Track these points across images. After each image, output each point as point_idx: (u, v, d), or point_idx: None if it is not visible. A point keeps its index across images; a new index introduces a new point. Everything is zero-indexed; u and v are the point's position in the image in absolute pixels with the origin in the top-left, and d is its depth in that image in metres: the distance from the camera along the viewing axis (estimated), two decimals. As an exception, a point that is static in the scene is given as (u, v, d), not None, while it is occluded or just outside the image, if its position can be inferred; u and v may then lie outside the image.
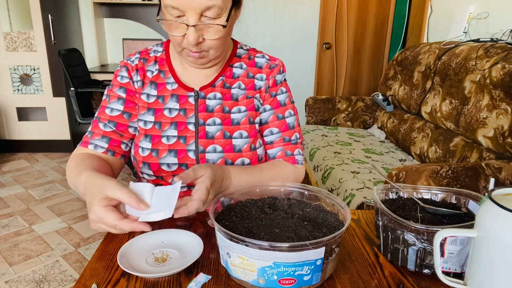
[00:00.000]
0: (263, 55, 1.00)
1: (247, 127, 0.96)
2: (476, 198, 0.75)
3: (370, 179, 1.96)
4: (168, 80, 0.95)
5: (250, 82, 0.98)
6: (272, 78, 0.98)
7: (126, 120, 0.95)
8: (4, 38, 3.45)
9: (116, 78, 0.97)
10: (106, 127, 0.94)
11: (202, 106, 0.94)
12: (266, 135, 1.00)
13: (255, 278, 0.62)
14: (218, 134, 0.93)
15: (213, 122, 0.94)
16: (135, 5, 3.89)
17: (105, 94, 0.98)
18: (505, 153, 1.70)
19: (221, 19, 0.81)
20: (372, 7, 3.87)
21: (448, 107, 2.09)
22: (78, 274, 2.00)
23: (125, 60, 0.98)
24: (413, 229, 0.66)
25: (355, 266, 0.71)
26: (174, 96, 0.94)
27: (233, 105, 0.96)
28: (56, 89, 3.60)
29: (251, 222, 0.70)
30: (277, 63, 0.99)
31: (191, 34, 0.80)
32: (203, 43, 0.83)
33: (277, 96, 1.00)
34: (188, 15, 0.79)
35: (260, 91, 0.98)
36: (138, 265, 0.69)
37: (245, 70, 0.98)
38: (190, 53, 0.85)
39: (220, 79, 0.96)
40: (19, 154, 3.74)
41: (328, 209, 0.75)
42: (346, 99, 3.01)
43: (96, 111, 0.97)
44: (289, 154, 1.00)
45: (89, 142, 0.94)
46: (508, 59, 1.76)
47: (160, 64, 0.97)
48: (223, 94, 0.95)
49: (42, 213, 2.63)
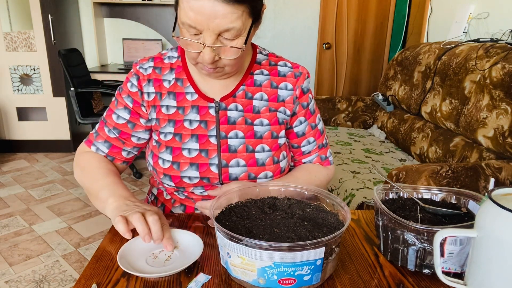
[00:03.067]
0: (285, 62, 0.97)
1: (269, 141, 0.93)
2: (476, 198, 0.75)
3: (370, 179, 1.96)
4: (187, 90, 0.91)
5: (273, 93, 0.94)
6: (299, 88, 0.95)
7: (130, 130, 0.94)
8: (4, 38, 3.45)
9: (126, 83, 0.94)
10: (110, 133, 0.94)
11: (223, 118, 0.91)
12: (304, 145, 1.01)
13: (255, 278, 0.62)
14: (240, 148, 0.91)
15: (236, 135, 0.91)
16: (135, 5, 3.89)
17: (115, 96, 0.97)
18: (505, 153, 1.70)
19: (239, 40, 0.78)
20: (372, 7, 3.87)
21: (448, 107, 2.09)
22: (78, 274, 2.00)
23: (138, 66, 0.93)
24: (413, 229, 0.66)
25: (355, 266, 0.71)
26: (195, 108, 0.91)
27: (255, 118, 0.93)
28: (56, 89, 3.60)
29: (251, 222, 0.70)
30: (301, 71, 0.96)
31: (207, 53, 0.77)
32: (219, 61, 0.81)
33: (309, 106, 0.99)
34: (205, 35, 0.75)
35: (285, 103, 0.95)
36: (138, 265, 0.69)
37: (268, 79, 0.94)
38: (205, 68, 0.83)
39: (241, 88, 0.92)
40: (19, 154, 3.74)
41: (328, 209, 0.75)
42: (346, 99, 3.01)
43: (106, 111, 0.97)
44: (323, 158, 1.03)
45: (92, 143, 0.96)
46: (508, 59, 1.76)
47: (177, 72, 0.92)
48: (245, 105, 0.92)
49: (42, 213, 2.63)
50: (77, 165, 0.96)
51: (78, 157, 0.97)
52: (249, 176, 0.92)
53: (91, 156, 0.95)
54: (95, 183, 0.89)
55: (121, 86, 0.96)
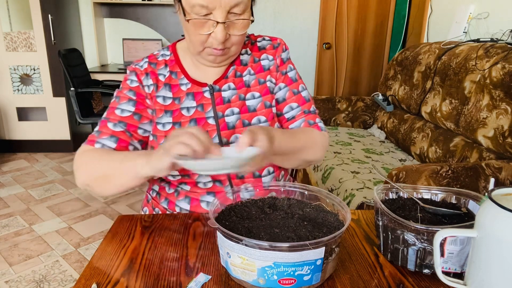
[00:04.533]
0: (263, 37, 1.03)
1: (263, 112, 0.97)
2: (476, 198, 0.75)
3: (370, 179, 1.96)
4: (181, 81, 0.95)
5: (258, 66, 0.99)
6: (278, 57, 1.00)
7: (137, 121, 0.93)
8: (4, 38, 3.45)
9: (125, 81, 0.96)
10: (116, 127, 0.91)
11: (218, 99, 0.95)
12: (287, 112, 1.01)
13: (255, 278, 0.62)
14: (237, 123, 0.95)
15: (231, 112, 0.95)
16: (135, 5, 3.89)
17: (114, 96, 0.96)
18: (505, 153, 1.70)
19: (246, 14, 0.84)
20: (372, 7, 3.87)
21: (448, 107, 2.09)
22: (78, 274, 2.00)
23: (133, 65, 0.97)
24: (413, 229, 0.66)
25: (355, 266, 0.71)
26: (190, 95, 0.94)
27: (247, 92, 0.97)
28: (56, 89, 3.60)
29: (251, 222, 0.70)
30: (279, 42, 1.02)
31: (220, 31, 0.82)
32: (228, 40, 0.85)
33: (288, 74, 1.02)
34: (216, 13, 0.80)
35: (270, 71, 0.99)
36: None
37: (251, 55, 1.00)
38: (214, 51, 0.87)
39: (232, 68, 0.97)
40: (19, 154, 3.74)
41: (328, 209, 0.75)
42: (346, 99, 3.01)
43: (105, 113, 0.94)
44: (312, 123, 1.01)
45: (96, 141, 0.90)
46: (508, 59, 1.76)
47: (171, 65, 0.97)
48: (236, 83, 0.97)
49: (42, 213, 2.63)
50: (81, 164, 0.88)
51: (80, 156, 0.89)
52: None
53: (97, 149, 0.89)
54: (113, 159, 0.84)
55: (120, 86, 0.97)
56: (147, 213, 1.02)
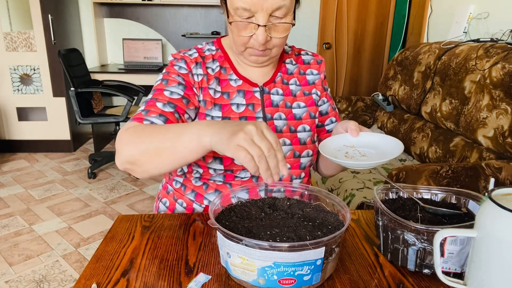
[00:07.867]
0: (305, 51, 1.07)
1: (308, 121, 1.01)
2: (476, 198, 0.75)
3: (370, 179, 1.96)
4: (231, 77, 0.96)
5: (303, 78, 1.03)
6: (322, 73, 1.05)
7: (184, 105, 0.90)
8: (4, 38, 3.45)
9: (172, 66, 0.92)
10: (165, 107, 0.86)
11: (267, 101, 0.97)
12: (328, 124, 1.07)
13: (255, 278, 0.62)
14: (284, 128, 0.97)
15: (279, 116, 0.97)
16: (135, 5, 3.89)
17: (160, 78, 0.92)
18: (505, 153, 1.70)
19: (288, 18, 0.85)
20: (372, 7, 3.87)
21: (448, 107, 2.09)
22: (78, 274, 2.00)
23: (181, 53, 0.94)
24: (413, 229, 0.66)
25: (355, 266, 0.71)
26: (241, 92, 0.95)
27: (293, 101, 1.00)
28: (56, 89, 3.60)
29: (251, 222, 0.70)
30: (321, 59, 1.07)
31: (261, 34, 0.83)
32: (269, 42, 0.87)
33: (327, 91, 1.08)
34: (258, 16, 0.82)
35: (316, 85, 1.04)
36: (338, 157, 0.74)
37: (297, 67, 1.03)
38: (255, 51, 0.88)
39: (279, 75, 1.00)
40: (19, 154, 3.74)
41: (328, 209, 0.75)
42: (346, 99, 3.01)
43: (149, 95, 0.89)
44: None
45: (144, 119, 0.83)
46: (508, 59, 1.76)
47: (220, 60, 0.97)
48: (284, 89, 0.99)
49: (42, 213, 2.63)
50: (127, 139, 0.78)
51: (126, 131, 0.79)
52: (294, 154, 0.97)
53: (147, 124, 0.81)
54: (169, 130, 0.75)
55: (165, 70, 0.93)
56: (166, 204, 1.02)
